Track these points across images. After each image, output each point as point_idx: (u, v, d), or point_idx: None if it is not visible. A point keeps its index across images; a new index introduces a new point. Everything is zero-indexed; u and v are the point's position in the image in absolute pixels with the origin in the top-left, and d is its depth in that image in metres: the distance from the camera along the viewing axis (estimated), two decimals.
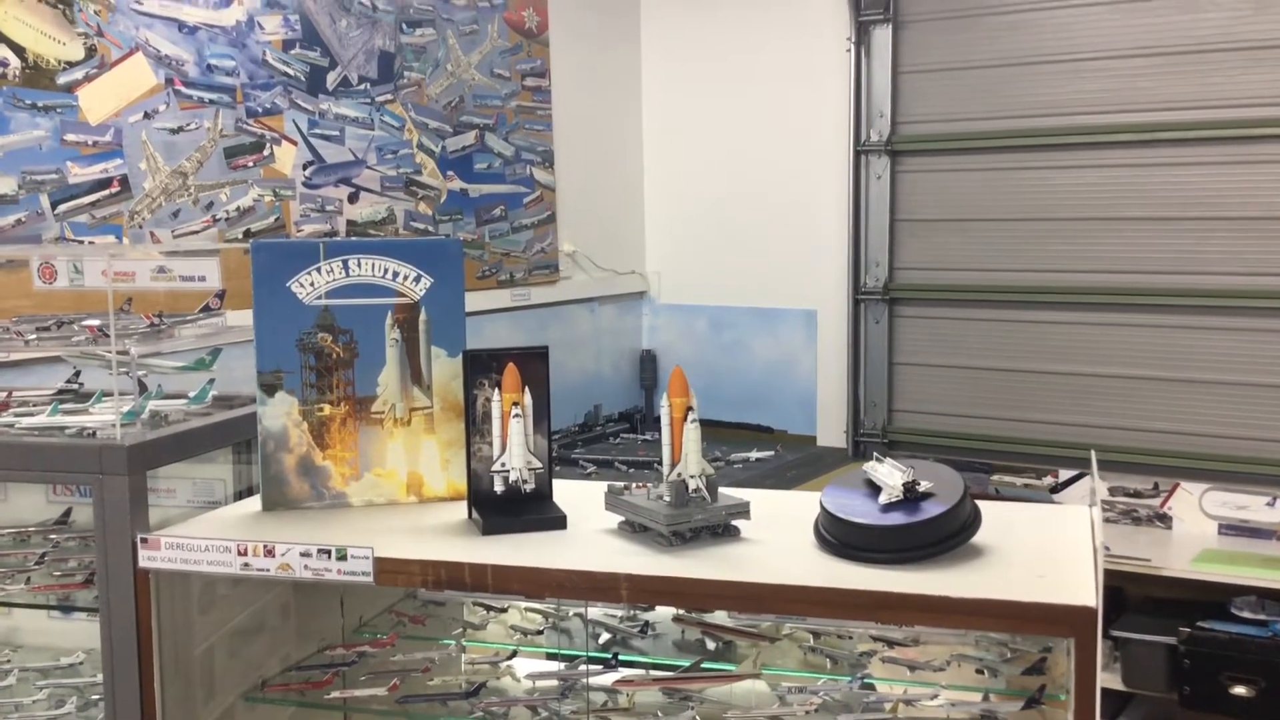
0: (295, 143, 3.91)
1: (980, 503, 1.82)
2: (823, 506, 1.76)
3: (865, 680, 2.03)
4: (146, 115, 3.46)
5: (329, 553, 1.71)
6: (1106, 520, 4.32)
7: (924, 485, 1.72)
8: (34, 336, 2.03)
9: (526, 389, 1.88)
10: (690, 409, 1.79)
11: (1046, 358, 4.68)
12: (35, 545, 2.20)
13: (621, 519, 1.85)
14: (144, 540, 1.77)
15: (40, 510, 2.28)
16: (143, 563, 1.77)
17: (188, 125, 3.58)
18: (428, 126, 4.40)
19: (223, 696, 2.02)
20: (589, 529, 1.85)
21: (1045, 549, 1.75)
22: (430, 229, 4.42)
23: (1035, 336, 4.70)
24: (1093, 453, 2.00)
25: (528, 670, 2.10)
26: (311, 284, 1.93)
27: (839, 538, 1.71)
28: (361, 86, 4.13)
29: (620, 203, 5.44)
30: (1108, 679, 3.92)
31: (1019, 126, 4.64)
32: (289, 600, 2.19)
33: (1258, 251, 4.28)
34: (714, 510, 1.78)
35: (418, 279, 1.98)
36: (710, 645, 2.14)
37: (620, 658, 2.14)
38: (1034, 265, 4.66)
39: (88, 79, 3.31)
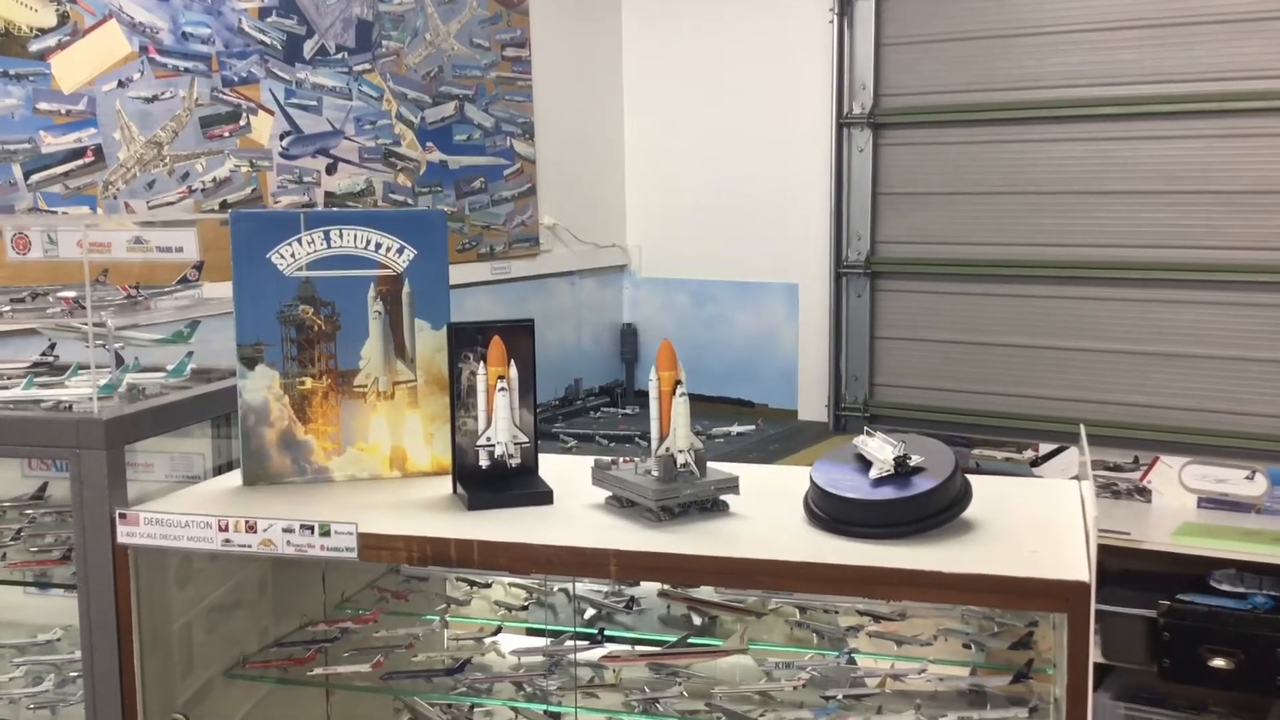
0: (272, 112, 3.85)
1: (971, 477, 1.80)
2: (813, 481, 1.74)
3: (852, 655, 2.02)
4: (121, 84, 3.40)
5: (312, 528, 1.68)
6: None
7: (915, 460, 1.71)
8: (8, 308, 1.98)
9: (512, 362, 1.85)
10: (679, 382, 1.77)
11: (1028, 332, 4.68)
12: (11, 521, 2.16)
13: (609, 494, 1.83)
14: (123, 516, 1.73)
15: (15, 485, 2.24)
16: (121, 539, 1.74)
17: (162, 94, 3.52)
18: (406, 97, 4.34)
19: (203, 673, 1.99)
20: (576, 504, 1.83)
21: (1036, 523, 1.74)
22: (409, 201, 4.37)
23: (1017, 310, 4.70)
24: (1082, 427, 1.99)
25: (513, 646, 2.08)
26: (292, 255, 1.90)
27: (829, 512, 1.69)
28: (339, 55, 4.07)
29: (601, 176, 5.39)
30: None
31: (1003, 99, 4.62)
32: (270, 576, 2.16)
33: (1241, 226, 4.27)
34: (703, 485, 1.76)
35: (401, 250, 1.94)
36: (696, 620, 2.13)
37: (606, 633, 2.13)
38: (1017, 239, 4.65)
39: (60, 46, 3.25)
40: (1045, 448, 4.53)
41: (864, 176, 4.90)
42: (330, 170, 4.07)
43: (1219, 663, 3.71)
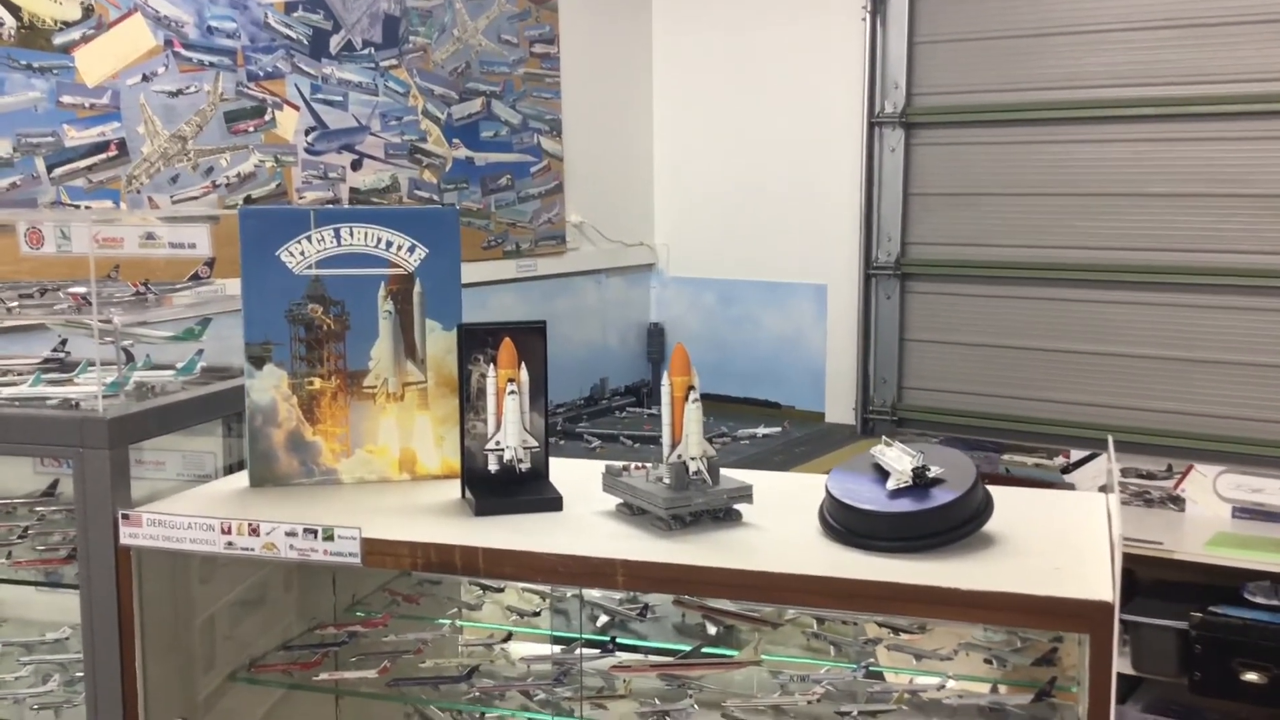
0: (297, 108, 3.83)
1: (993, 488, 1.75)
2: (828, 491, 1.69)
3: (870, 668, 1.97)
4: (145, 78, 3.38)
5: (315, 533, 1.65)
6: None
7: (934, 471, 1.65)
8: (16, 304, 1.96)
9: (523, 365, 1.81)
10: (692, 388, 1.72)
11: (1060, 336, 4.60)
12: (21, 518, 2.15)
13: (620, 501, 1.79)
14: (125, 517, 1.71)
15: (27, 481, 2.22)
16: (124, 539, 1.72)
17: (187, 88, 3.50)
18: (433, 93, 4.32)
19: (210, 677, 1.97)
20: (586, 511, 1.79)
21: (1060, 538, 1.68)
22: (435, 198, 4.34)
23: (1049, 314, 4.61)
24: (1110, 438, 1.93)
25: (523, 653, 2.05)
26: (301, 253, 1.86)
27: (845, 524, 1.64)
28: (365, 51, 4.05)
29: (629, 173, 5.35)
30: (1117, 663, 3.86)
31: (1038, 99, 4.53)
32: (279, 577, 2.13)
33: None
34: (715, 493, 1.72)
35: (412, 249, 1.91)
36: (711, 630, 2.09)
37: (618, 641, 2.09)
38: (1050, 242, 4.57)
39: (85, 40, 3.23)
40: (1077, 454, 4.46)
41: (895, 177, 4.83)
42: (355, 166, 4.04)
43: (1251, 677, 3.64)
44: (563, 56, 4.86)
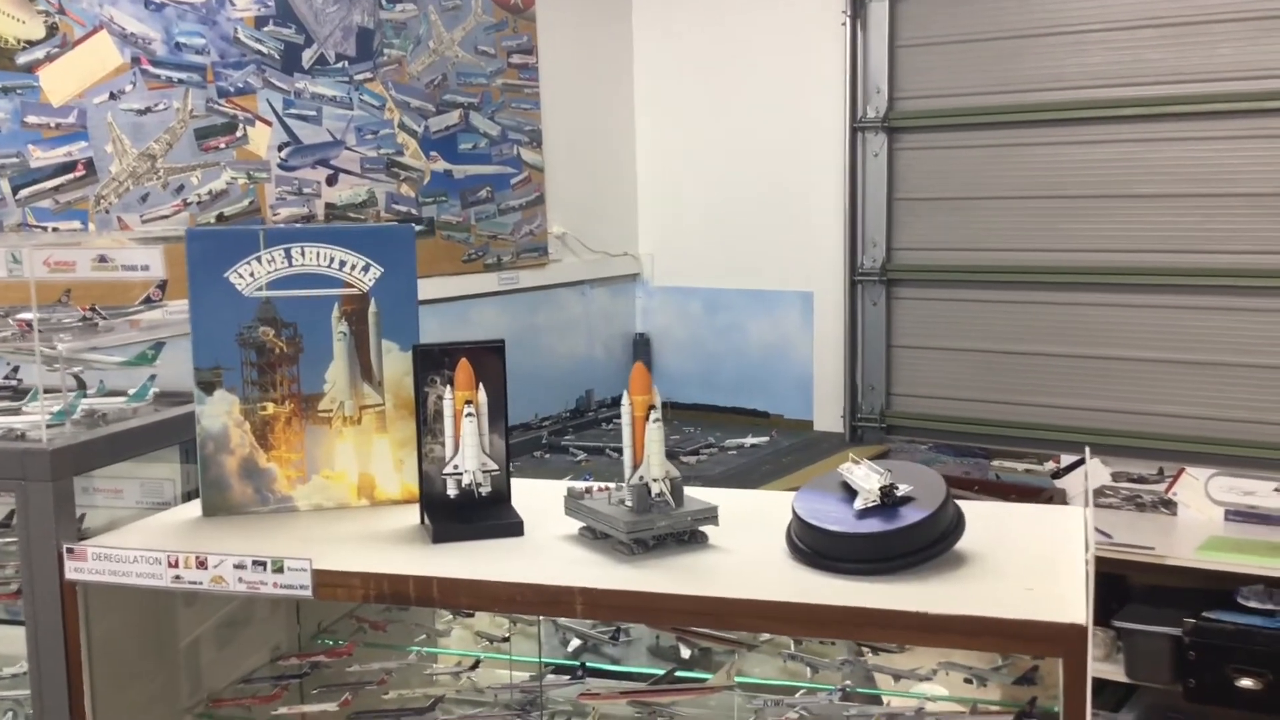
0: (270, 123, 3.78)
1: (968, 503, 1.70)
2: (795, 512, 1.63)
3: (846, 690, 1.92)
4: (112, 96, 3.34)
5: (265, 565, 1.60)
6: (1109, 507, 4.20)
7: (902, 489, 1.60)
8: None
9: (480, 386, 1.75)
10: (653, 407, 1.67)
11: (1049, 340, 4.55)
12: None
13: (582, 525, 1.73)
14: (70, 551, 1.65)
15: None
16: (69, 574, 1.66)
17: (156, 106, 3.45)
18: (409, 106, 4.27)
19: (166, 714, 1.91)
20: (547, 535, 1.73)
21: (1035, 555, 1.63)
22: (413, 211, 4.29)
23: (1037, 318, 4.57)
24: (1087, 449, 1.88)
25: (490, 681, 1.99)
26: (251, 274, 1.81)
27: (812, 546, 1.59)
28: (339, 64, 4.00)
29: (611, 183, 5.30)
30: (1111, 670, 3.82)
31: (1021, 101, 4.49)
32: (242, 606, 2.08)
33: (1269, 229, 4.13)
34: (678, 516, 1.66)
35: (366, 268, 1.85)
36: (685, 653, 2.04)
37: (588, 666, 2.04)
38: (1036, 245, 4.53)
39: (49, 58, 3.19)
40: (1067, 459, 4.41)
41: (879, 182, 4.79)
42: (331, 181, 4.00)
43: (1247, 683, 3.59)
44: (541, 66, 4.82)
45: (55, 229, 3.22)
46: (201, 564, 1.61)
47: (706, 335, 5.27)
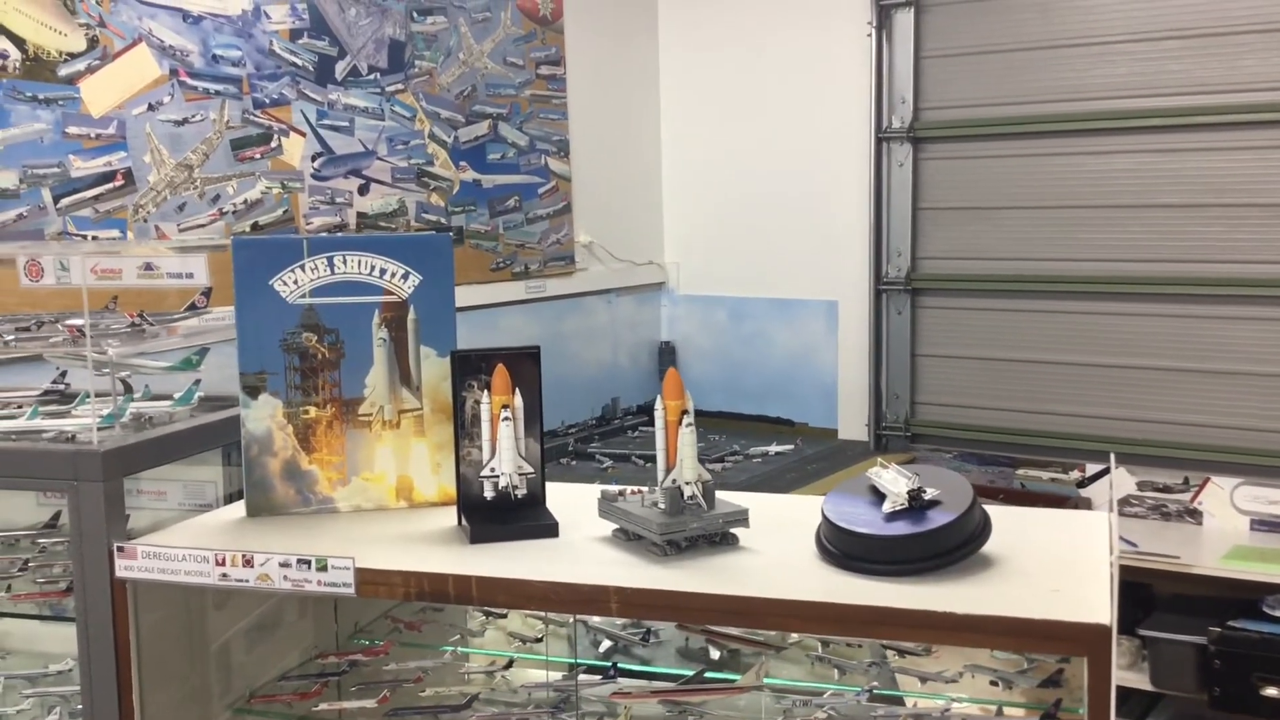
0: (304, 134, 3.85)
1: (994, 507, 1.73)
2: (824, 515, 1.67)
3: (874, 692, 1.95)
4: (150, 107, 3.41)
5: (309, 563, 1.65)
6: (1134, 515, 4.22)
7: (930, 493, 1.64)
8: (12, 337, 1.97)
9: (517, 390, 1.80)
10: (685, 411, 1.71)
11: (1074, 349, 4.57)
12: (23, 550, 2.15)
13: (616, 526, 1.78)
14: (120, 549, 1.71)
15: (30, 513, 2.23)
16: (119, 572, 1.72)
17: (193, 117, 3.52)
18: (439, 116, 4.33)
19: (210, 708, 1.96)
20: (581, 537, 1.78)
21: (1060, 559, 1.66)
22: (443, 220, 4.35)
23: (1062, 327, 4.59)
24: (1112, 455, 1.91)
25: (523, 680, 2.04)
26: (295, 282, 1.86)
27: (841, 548, 1.63)
28: (371, 76, 4.07)
29: (638, 193, 5.35)
30: (1136, 679, 3.83)
31: (1045, 112, 4.52)
32: (281, 605, 2.13)
33: None
34: (710, 518, 1.70)
35: (405, 276, 1.90)
36: (715, 654, 2.07)
37: (620, 666, 2.08)
38: (1061, 254, 4.55)
39: (90, 70, 3.26)
40: (1092, 468, 4.42)
41: (904, 191, 4.82)
42: (363, 191, 4.06)
43: (1272, 692, 3.60)
44: (569, 77, 4.87)
45: (95, 237, 3.29)
46: (248, 562, 1.66)
47: (731, 343, 5.30)
